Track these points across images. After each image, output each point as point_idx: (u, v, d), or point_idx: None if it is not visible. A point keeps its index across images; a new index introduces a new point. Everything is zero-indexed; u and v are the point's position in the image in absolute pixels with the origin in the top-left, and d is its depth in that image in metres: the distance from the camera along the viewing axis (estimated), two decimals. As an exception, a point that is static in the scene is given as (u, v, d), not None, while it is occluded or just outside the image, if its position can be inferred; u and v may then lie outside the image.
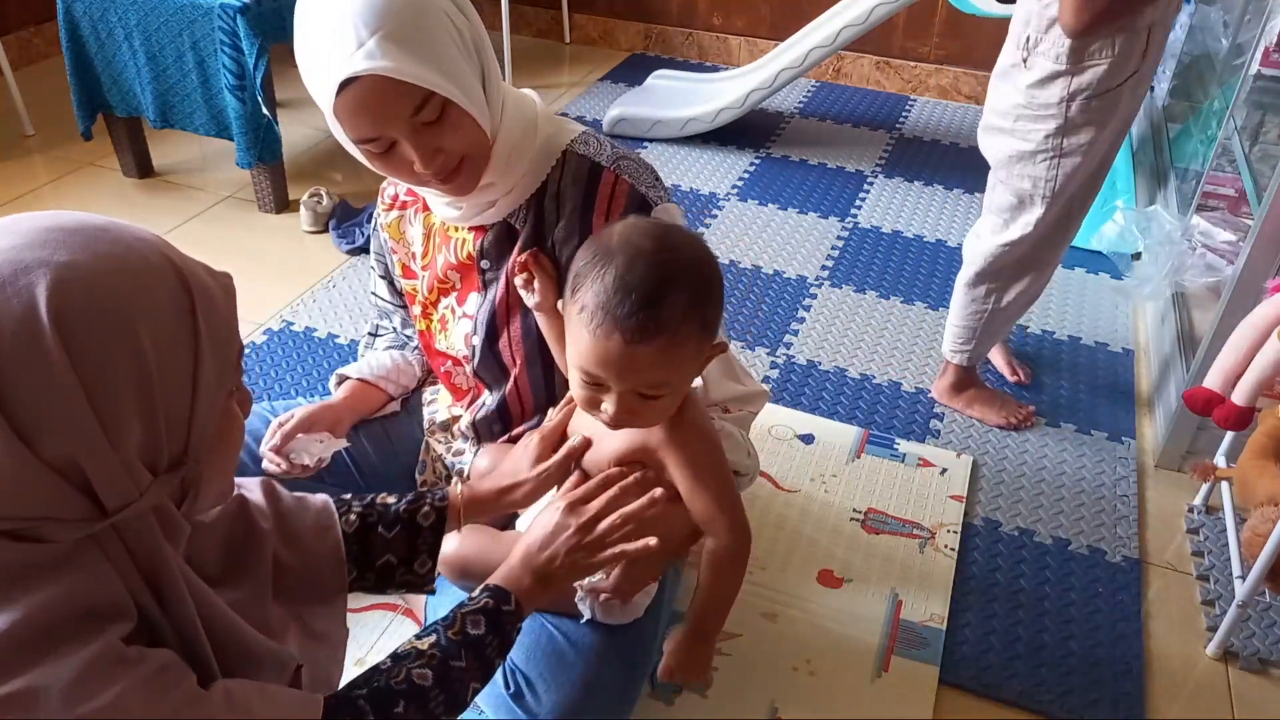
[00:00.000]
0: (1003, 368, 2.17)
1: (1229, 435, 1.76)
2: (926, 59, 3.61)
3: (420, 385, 1.48)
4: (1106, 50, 1.57)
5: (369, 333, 1.50)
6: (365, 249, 2.45)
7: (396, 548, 1.03)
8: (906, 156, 3.17)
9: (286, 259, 2.50)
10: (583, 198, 1.16)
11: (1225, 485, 1.71)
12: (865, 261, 2.59)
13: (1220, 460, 1.77)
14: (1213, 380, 1.56)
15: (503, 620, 0.96)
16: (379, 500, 1.05)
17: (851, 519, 1.77)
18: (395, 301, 1.42)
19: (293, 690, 0.82)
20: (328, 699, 0.82)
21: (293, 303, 2.30)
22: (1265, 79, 2.25)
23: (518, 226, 1.19)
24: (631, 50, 3.95)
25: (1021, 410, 2.04)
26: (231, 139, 2.52)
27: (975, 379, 2.06)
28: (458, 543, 1.16)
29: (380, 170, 1.10)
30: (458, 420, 1.39)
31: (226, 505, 0.90)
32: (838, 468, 1.89)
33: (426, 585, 1.06)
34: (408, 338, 1.46)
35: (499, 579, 1.00)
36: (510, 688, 1.16)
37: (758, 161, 3.09)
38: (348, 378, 1.41)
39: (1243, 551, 1.53)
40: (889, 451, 1.93)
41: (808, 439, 1.95)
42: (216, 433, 0.73)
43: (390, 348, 1.46)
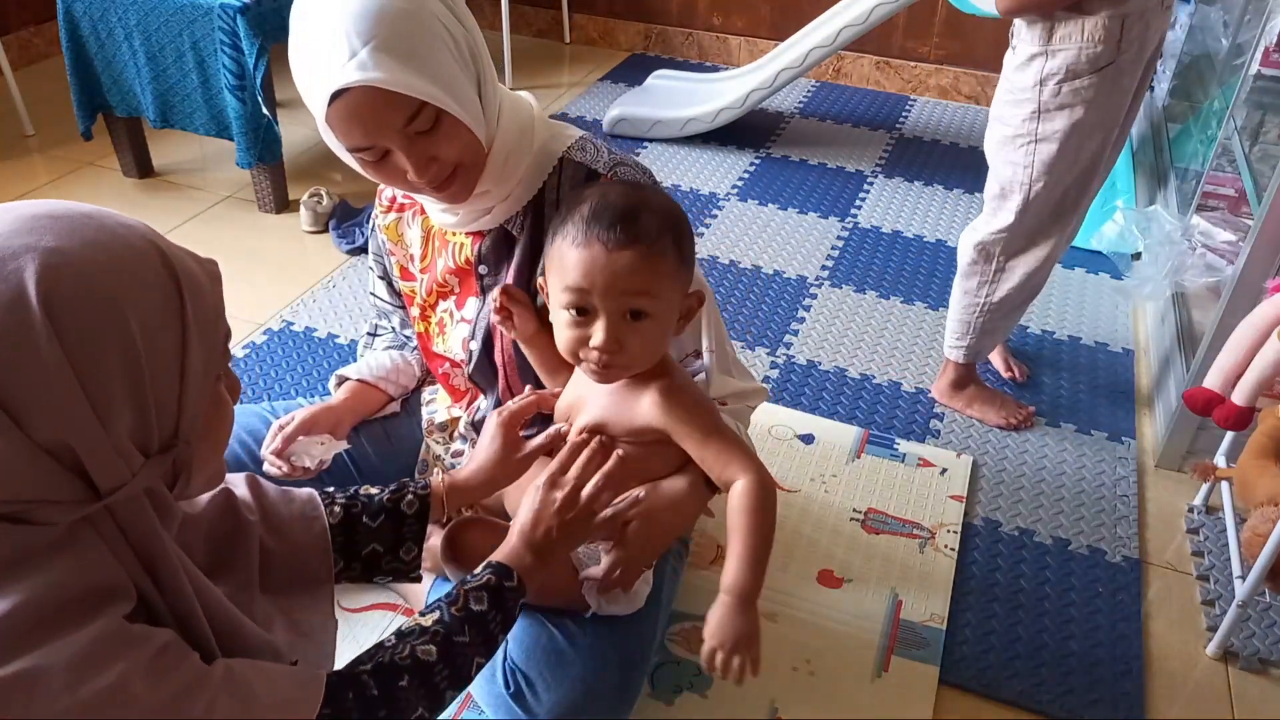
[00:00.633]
0: (999, 365, 2.17)
1: (1229, 435, 1.76)
2: (926, 59, 3.61)
3: (420, 385, 1.48)
4: (1075, 35, 1.61)
5: (368, 332, 1.50)
6: (365, 249, 2.45)
7: (382, 537, 1.04)
8: (906, 156, 3.17)
9: (286, 259, 2.50)
10: None
11: (1225, 485, 1.71)
12: (865, 261, 2.59)
13: (1220, 460, 1.77)
14: (1213, 380, 1.56)
15: (505, 595, 0.97)
16: (362, 491, 1.06)
17: (851, 519, 1.77)
18: (394, 302, 1.42)
19: (294, 668, 0.83)
20: (330, 676, 0.83)
21: (293, 303, 2.30)
22: (1265, 79, 2.25)
23: (515, 233, 1.19)
24: (631, 50, 3.95)
25: (1021, 411, 2.03)
26: (231, 139, 2.52)
27: (974, 378, 2.06)
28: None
29: (374, 178, 1.10)
30: (457, 421, 1.39)
31: (213, 499, 0.91)
32: (838, 468, 1.89)
33: (412, 572, 1.07)
34: (406, 338, 1.46)
35: (500, 557, 1.01)
36: (510, 687, 1.16)
37: (758, 161, 3.09)
38: (347, 378, 1.41)
39: (1243, 551, 1.53)
40: (889, 451, 1.93)
41: (808, 439, 1.95)
42: (206, 416, 0.75)
43: (390, 348, 1.46)
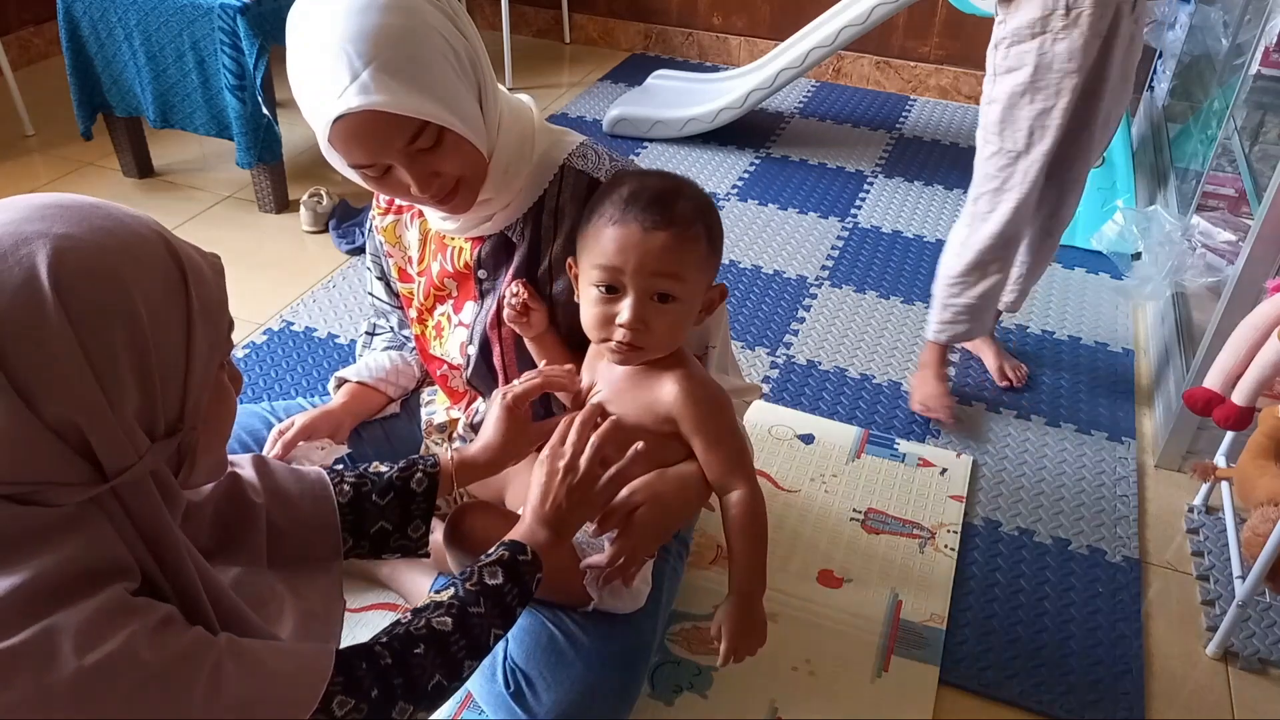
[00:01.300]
0: (994, 372, 2.15)
1: (1229, 435, 1.76)
2: (926, 59, 3.61)
3: (419, 386, 1.48)
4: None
5: (366, 332, 1.50)
6: (364, 249, 2.45)
7: (390, 515, 1.05)
8: (906, 156, 3.17)
9: (286, 259, 2.50)
10: (581, 215, 1.16)
11: (1225, 485, 1.71)
12: (865, 261, 2.59)
13: (1220, 460, 1.77)
14: (1213, 380, 1.56)
15: (520, 569, 0.97)
16: (371, 469, 1.06)
17: (851, 519, 1.77)
18: (392, 302, 1.42)
19: (303, 643, 0.84)
20: (344, 649, 0.84)
21: (293, 303, 2.30)
22: (1265, 79, 2.26)
23: (515, 239, 1.19)
24: (631, 50, 3.95)
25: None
26: (231, 139, 2.52)
27: (938, 363, 2.05)
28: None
29: (376, 190, 1.10)
30: (455, 423, 1.39)
31: (218, 483, 0.92)
32: (838, 468, 1.89)
33: (420, 550, 1.08)
34: (405, 338, 1.46)
35: (513, 535, 1.02)
36: (510, 686, 1.17)
37: (758, 161, 3.09)
38: (346, 380, 1.41)
39: (1243, 551, 1.53)
40: (889, 451, 1.93)
41: (808, 439, 1.95)
42: (209, 404, 0.76)
43: (389, 348, 1.46)
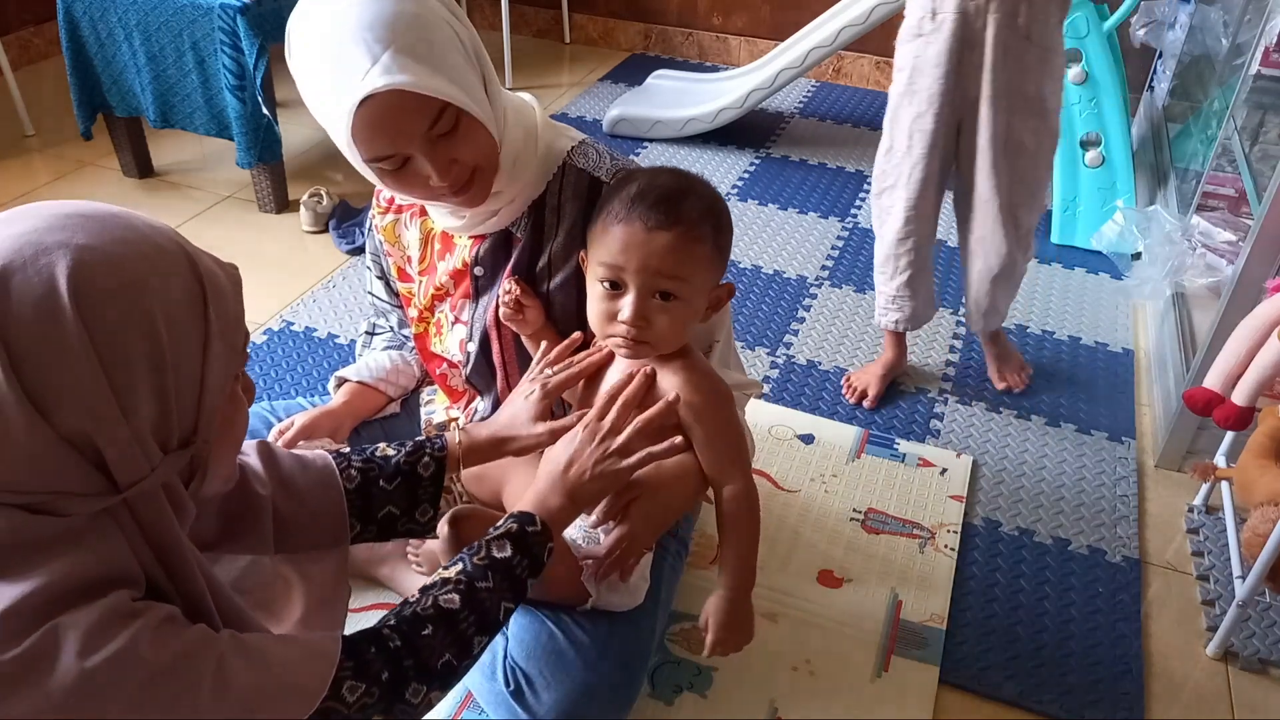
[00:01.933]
0: (993, 376, 2.14)
1: (1229, 435, 1.76)
2: (926, 59, 3.61)
3: (419, 386, 1.48)
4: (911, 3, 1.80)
5: (365, 331, 1.50)
6: (365, 249, 2.45)
7: (398, 499, 1.04)
8: (906, 156, 3.17)
9: (286, 259, 2.50)
10: (581, 213, 1.17)
11: (1225, 485, 1.71)
12: (865, 262, 2.59)
13: (1220, 460, 1.77)
14: (1213, 380, 1.56)
15: (529, 541, 0.97)
16: (379, 453, 1.06)
17: (851, 519, 1.77)
18: (392, 302, 1.42)
19: (310, 634, 0.84)
20: (352, 635, 0.84)
21: (293, 303, 2.30)
22: (1265, 79, 2.26)
23: (517, 234, 1.19)
24: (631, 50, 3.95)
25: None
26: (231, 139, 2.52)
27: (887, 348, 2.11)
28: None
29: (391, 188, 1.10)
30: (455, 422, 1.39)
31: None
32: (838, 468, 1.88)
33: (428, 532, 1.08)
34: (405, 337, 1.46)
35: (524, 505, 1.01)
36: (510, 685, 1.17)
37: (758, 161, 3.09)
38: (346, 380, 1.41)
39: (1243, 551, 1.53)
40: (889, 451, 1.93)
41: (808, 439, 1.95)
42: (223, 416, 0.76)
43: (388, 348, 1.46)
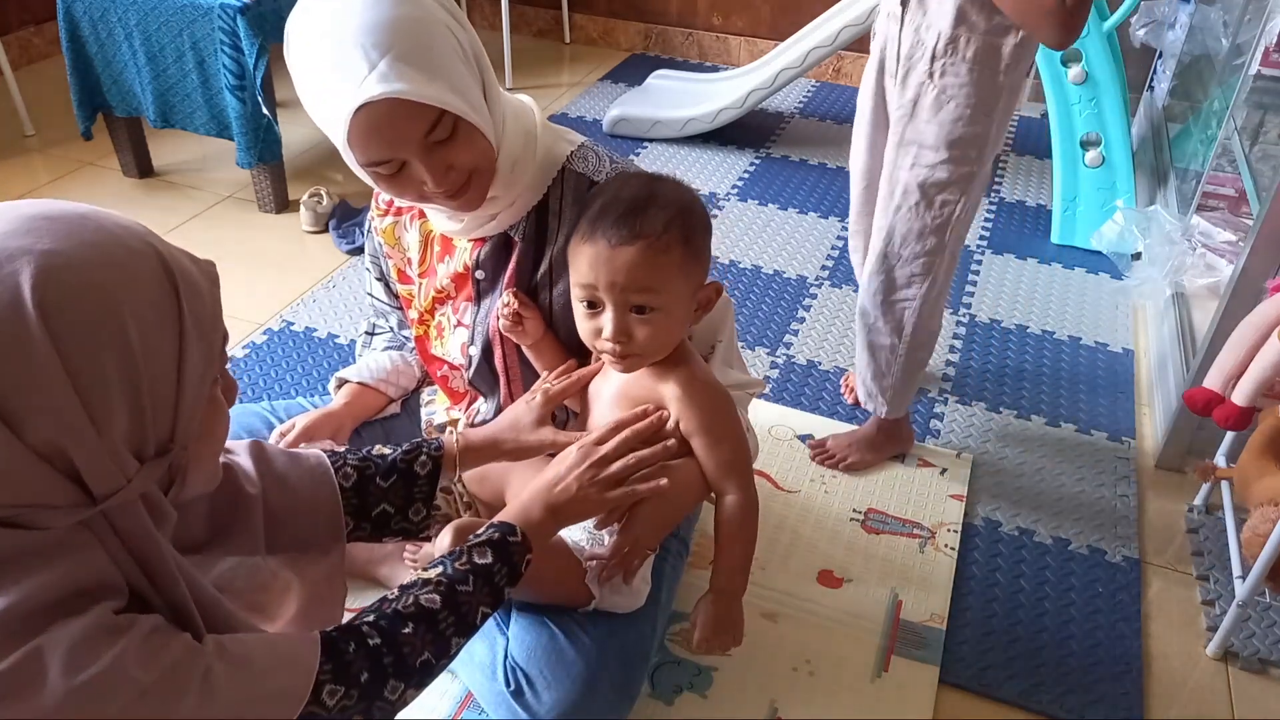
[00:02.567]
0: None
1: (1229, 435, 1.76)
2: (926, 59, 3.61)
3: (419, 386, 1.48)
4: None
5: (365, 331, 1.50)
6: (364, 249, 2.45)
7: (393, 498, 1.04)
8: (906, 156, 3.17)
9: (286, 259, 2.50)
10: (579, 218, 1.16)
11: (1225, 485, 1.71)
12: (865, 261, 2.59)
13: (1220, 460, 1.77)
14: (1213, 380, 1.56)
15: (509, 550, 0.97)
16: (375, 452, 1.06)
17: (851, 519, 1.77)
18: (392, 303, 1.42)
19: (290, 633, 0.84)
20: (329, 632, 0.83)
21: (293, 303, 2.30)
22: (1265, 79, 2.26)
23: (516, 238, 1.19)
24: (631, 50, 3.95)
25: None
26: (231, 139, 2.52)
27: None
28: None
29: (388, 191, 1.09)
30: (455, 423, 1.39)
31: None
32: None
33: (420, 532, 1.08)
34: (405, 338, 1.46)
35: (506, 515, 1.02)
36: (510, 685, 1.17)
37: (758, 161, 3.09)
38: (347, 381, 1.41)
39: (1243, 551, 1.53)
40: (889, 451, 1.93)
41: (808, 439, 1.95)
42: (203, 420, 0.74)
43: (389, 348, 1.46)
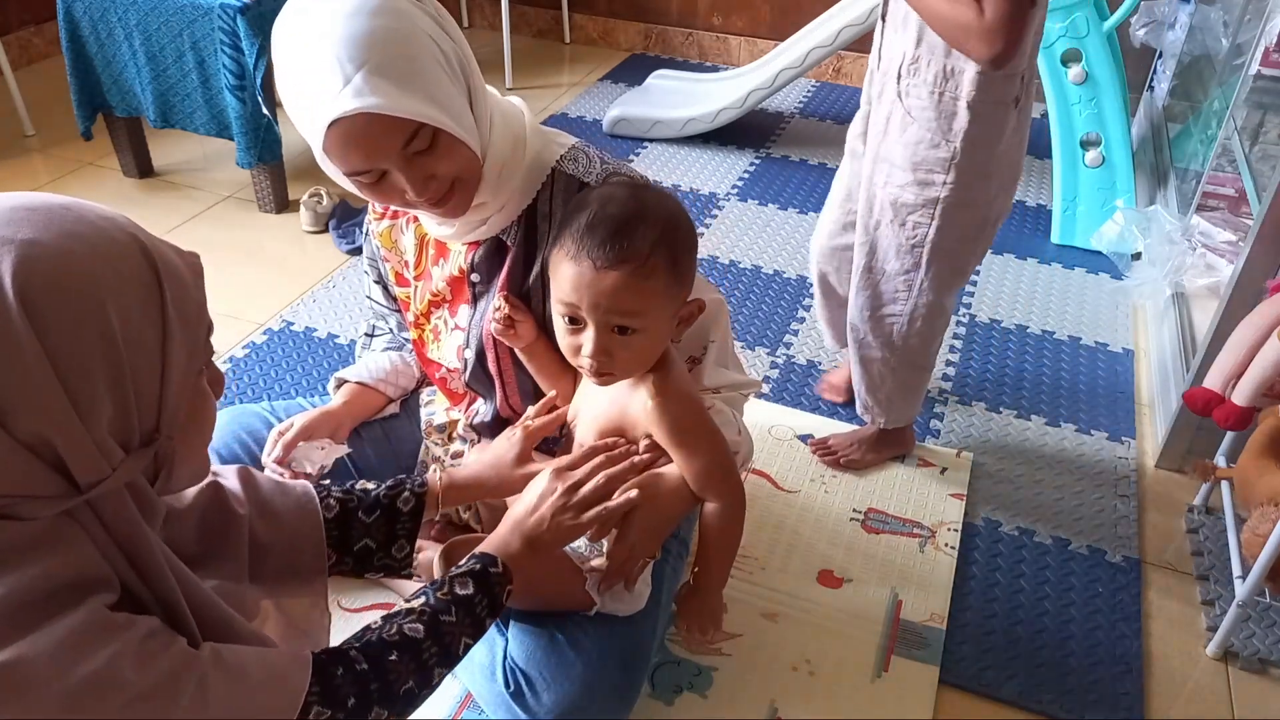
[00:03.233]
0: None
1: (1229, 435, 1.76)
2: (926, 59, 3.61)
3: (419, 386, 1.48)
4: None
5: (365, 333, 1.50)
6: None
7: (375, 533, 1.05)
8: (906, 156, 3.17)
9: (286, 259, 2.50)
10: None
11: (1225, 485, 1.71)
12: (865, 261, 2.59)
13: (1220, 460, 1.77)
14: (1213, 380, 1.56)
15: (490, 581, 0.98)
16: (359, 487, 1.06)
17: (851, 519, 1.77)
18: (390, 305, 1.42)
19: (282, 649, 0.84)
20: (319, 654, 0.84)
21: (293, 303, 2.30)
22: (1265, 79, 2.26)
23: (509, 243, 1.19)
24: (631, 50, 3.95)
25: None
26: (231, 139, 2.52)
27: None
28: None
29: (371, 198, 1.09)
30: (455, 423, 1.39)
31: (202, 492, 0.91)
32: (838, 468, 1.88)
33: (404, 568, 1.08)
34: (405, 340, 1.46)
35: (487, 546, 1.02)
36: (510, 686, 1.17)
37: (758, 161, 3.09)
38: (346, 381, 1.41)
39: (1243, 551, 1.53)
40: (889, 451, 1.93)
41: (808, 439, 1.95)
42: (189, 411, 0.75)
43: (388, 349, 1.46)
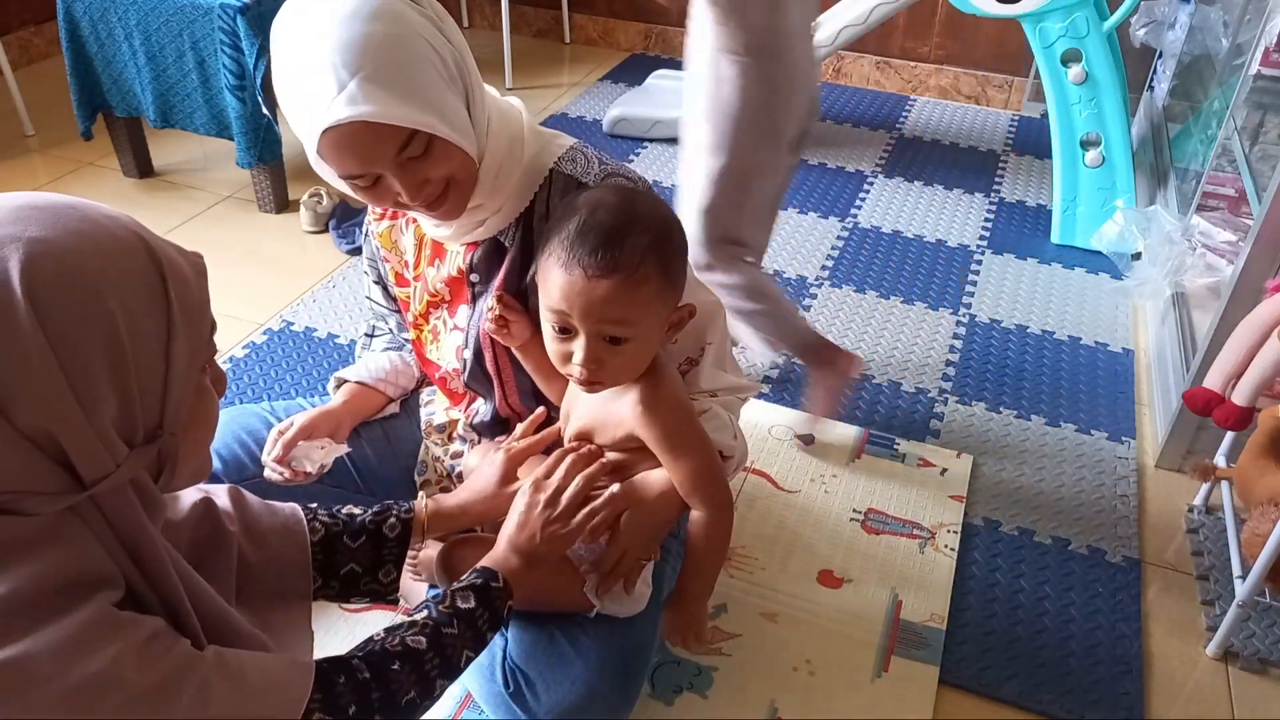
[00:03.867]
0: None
1: (1229, 435, 1.76)
2: (926, 59, 3.61)
3: (418, 386, 1.48)
4: None
5: (365, 333, 1.50)
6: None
7: (361, 558, 1.05)
8: (906, 156, 3.17)
9: (286, 259, 2.50)
10: None
11: (1225, 485, 1.71)
12: (865, 261, 2.59)
13: (1220, 460, 1.77)
14: (1213, 380, 1.57)
15: (491, 595, 0.98)
16: (345, 511, 1.07)
17: (851, 519, 1.77)
18: (390, 306, 1.42)
19: (284, 655, 0.84)
20: (322, 662, 0.84)
21: (293, 303, 2.30)
22: (1265, 79, 2.25)
23: (507, 243, 1.19)
24: (631, 50, 3.95)
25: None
26: (231, 139, 2.52)
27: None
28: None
29: (366, 200, 1.09)
30: (455, 423, 1.39)
31: (195, 506, 0.91)
32: (838, 468, 1.88)
33: (389, 594, 1.09)
34: (404, 340, 1.46)
35: (486, 562, 1.03)
36: (510, 686, 1.17)
37: (758, 161, 3.09)
38: (346, 381, 1.41)
39: (1243, 551, 1.53)
40: (889, 451, 1.93)
41: (808, 439, 1.95)
42: (192, 408, 0.75)
43: (388, 349, 1.45)
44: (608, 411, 1.13)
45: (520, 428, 1.21)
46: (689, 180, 1.72)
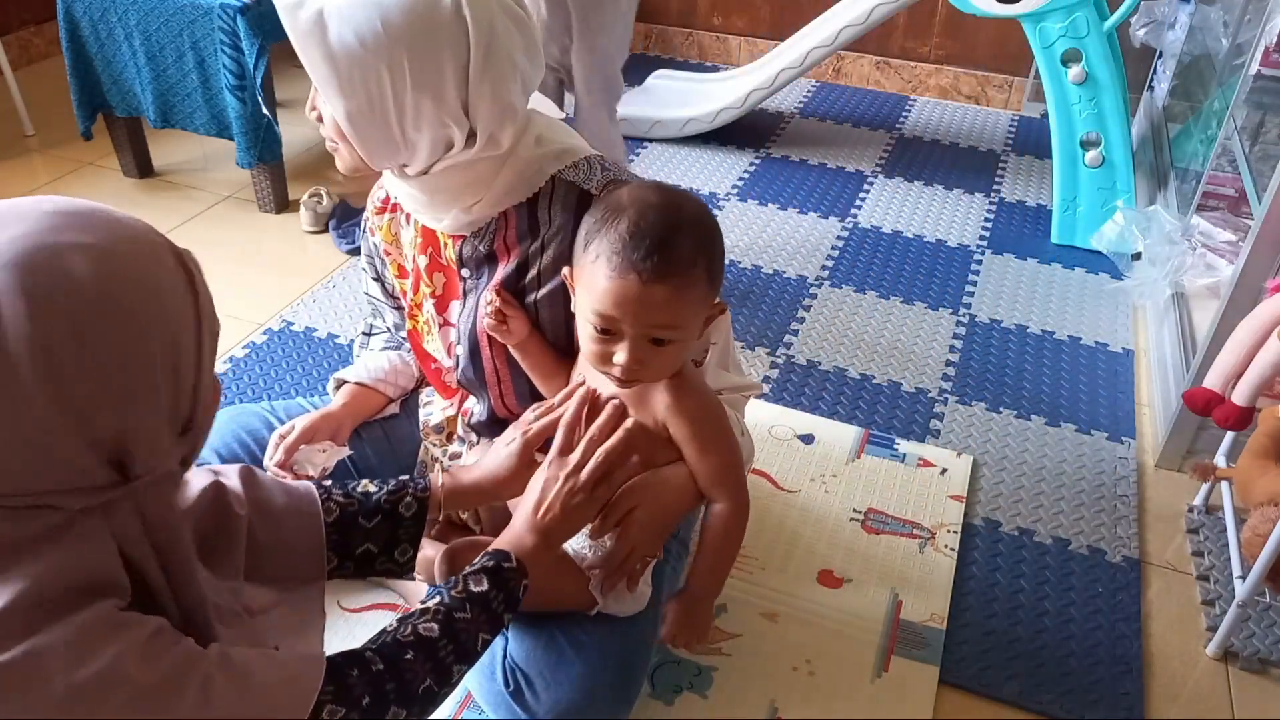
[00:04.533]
0: None
1: (1229, 435, 1.76)
2: (926, 59, 3.61)
3: (418, 385, 1.48)
4: None
5: (363, 332, 1.50)
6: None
7: (377, 537, 1.04)
8: (906, 156, 3.17)
9: (286, 259, 2.50)
10: (570, 226, 1.14)
11: (1225, 485, 1.71)
12: (865, 261, 2.59)
13: (1220, 460, 1.77)
14: (1213, 380, 1.57)
15: (504, 576, 0.98)
16: (360, 489, 1.05)
17: (851, 519, 1.77)
18: (388, 301, 1.42)
19: (294, 651, 0.84)
20: (334, 656, 0.84)
21: (293, 303, 2.30)
22: (1265, 79, 2.25)
23: (505, 243, 1.19)
24: (631, 50, 3.95)
25: None
26: (231, 139, 2.52)
27: None
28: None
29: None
30: (453, 422, 1.39)
31: (204, 491, 0.91)
32: (838, 468, 1.88)
33: (406, 573, 1.08)
34: (403, 339, 1.46)
35: (500, 543, 1.02)
36: (510, 685, 1.17)
37: (758, 161, 3.09)
38: (345, 382, 1.41)
39: (1243, 551, 1.53)
40: (889, 451, 1.93)
41: (808, 439, 1.95)
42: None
43: (387, 348, 1.46)
44: (629, 403, 1.13)
45: (532, 410, 1.17)
46: None
